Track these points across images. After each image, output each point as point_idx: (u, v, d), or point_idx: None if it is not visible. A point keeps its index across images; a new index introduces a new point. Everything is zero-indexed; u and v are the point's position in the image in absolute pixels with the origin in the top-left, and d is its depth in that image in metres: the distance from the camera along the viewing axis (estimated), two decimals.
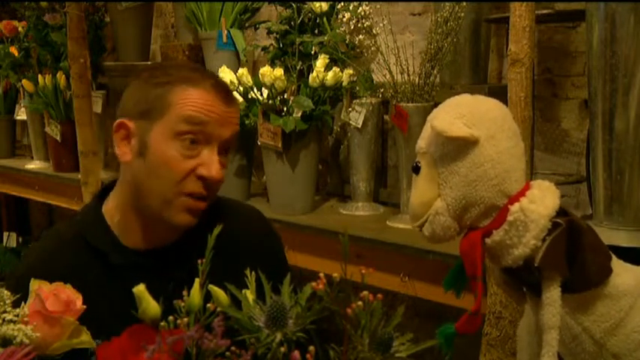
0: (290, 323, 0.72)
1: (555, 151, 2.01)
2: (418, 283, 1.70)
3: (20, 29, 3.03)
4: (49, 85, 2.76)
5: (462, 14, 1.74)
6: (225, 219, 0.95)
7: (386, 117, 2.10)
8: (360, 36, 1.95)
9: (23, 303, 0.81)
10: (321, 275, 0.72)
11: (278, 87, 1.94)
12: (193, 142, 1.06)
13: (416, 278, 1.70)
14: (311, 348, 0.69)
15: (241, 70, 2.01)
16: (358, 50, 2.02)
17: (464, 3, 1.74)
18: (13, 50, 2.99)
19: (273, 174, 2.04)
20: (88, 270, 1.08)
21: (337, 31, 2.01)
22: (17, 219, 4.10)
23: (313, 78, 1.95)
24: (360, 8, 1.95)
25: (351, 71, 1.98)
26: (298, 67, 2.06)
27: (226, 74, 2.02)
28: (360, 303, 0.71)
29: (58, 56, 2.82)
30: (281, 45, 2.15)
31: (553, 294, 0.86)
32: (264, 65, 2.00)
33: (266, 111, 1.98)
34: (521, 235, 0.86)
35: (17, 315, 0.78)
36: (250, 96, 2.03)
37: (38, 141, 3.00)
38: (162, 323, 0.76)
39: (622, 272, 0.91)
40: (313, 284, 0.72)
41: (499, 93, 1.39)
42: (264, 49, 2.24)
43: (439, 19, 1.74)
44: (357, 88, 1.98)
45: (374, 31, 1.95)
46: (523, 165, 0.91)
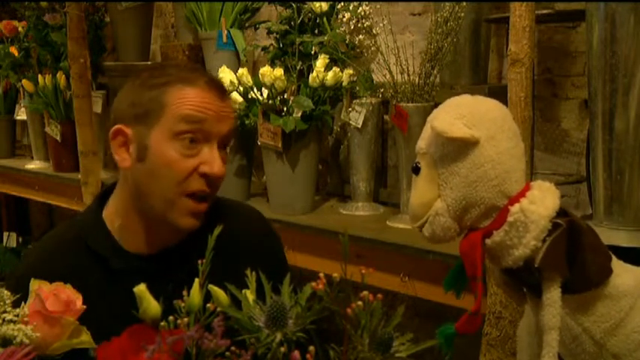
0: (290, 323, 0.72)
1: (555, 151, 2.01)
2: (418, 283, 1.70)
3: (20, 29, 3.03)
4: (49, 85, 2.75)
5: (462, 14, 1.74)
6: (224, 220, 0.95)
7: (386, 117, 2.10)
8: (360, 36, 1.95)
9: (23, 303, 0.81)
10: (321, 275, 0.72)
11: (278, 87, 1.94)
12: (193, 141, 1.06)
13: (416, 278, 1.70)
14: (311, 348, 0.69)
15: (241, 70, 2.01)
16: (358, 50, 2.02)
17: (464, 3, 1.74)
18: (13, 50, 2.99)
19: (273, 174, 2.04)
20: (88, 273, 1.08)
21: (337, 31, 2.00)
22: (17, 219, 4.10)
23: (313, 78, 1.95)
24: (360, 8, 1.95)
25: (351, 71, 1.98)
26: (298, 67, 2.06)
27: (226, 74, 2.02)
28: (360, 303, 0.71)
29: (58, 56, 2.82)
30: (281, 45, 2.15)
31: (553, 295, 0.86)
32: (264, 65, 2.00)
33: (266, 111, 1.98)
34: (521, 236, 0.86)
35: (17, 315, 0.78)
36: (250, 96, 2.03)
37: (38, 141, 3.00)
38: (162, 323, 0.76)
39: (622, 273, 0.91)
40: (313, 284, 0.72)
41: (499, 93, 1.39)
42: (264, 49, 2.24)
43: (439, 19, 1.74)
44: (357, 88, 1.98)
45: (374, 31, 1.95)
46: (523, 166, 0.91)
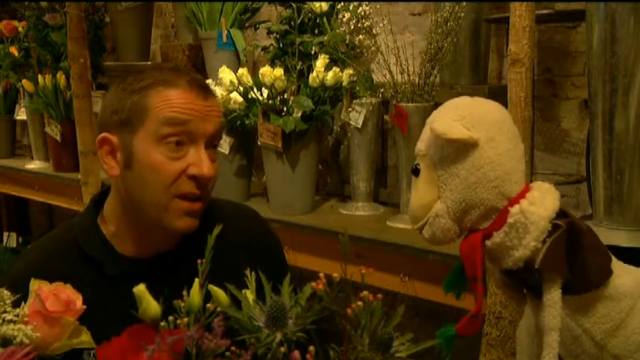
0: (290, 323, 0.72)
1: (555, 151, 2.01)
2: (418, 283, 1.70)
3: (20, 29, 3.03)
4: (49, 85, 2.75)
5: (462, 14, 1.74)
6: (223, 221, 0.95)
7: (386, 117, 2.10)
8: (360, 36, 1.95)
9: (23, 303, 0.81)
10: (321, 275, 0.72)
11: (278, 87, 1.94)
12: (179, 144, 1.04)
13: (416, 278, 1.70)
14: (311, 348, 0.69)
15: (241, 70, 2.01)
16: (358, 50, 2.02)
17: (464, 3, 1.74)
18: (13, 50, 2.99)
19: (273, 174, 2.04)
20: (84, 276, 1.06)
21: (337, 31, 2.00)
22: (17, 219, 4.10)
23: (313, 78, 1.95)
24: (360, 8, 1.95)
25: (351, 71, 1.98)
26: (298, 67, 2.06)
27: (226, 74, 2.02)
28: (360, 303, 0.71)
29: (58, 56, 2.82)
30: (281, 45, 2.15)
31: (553, 296, 0.86)
32: (264, 65, 2.00)
33: (266, 111, 1.98)
34: (521, 237, 0.86)
35: (17, 315, 0.78)
36: (250, 96, 2.03)
37: (38, 141, 3.00)
38: (162, 323, 0.76)
39: (622, 274, 0.91)
40: (313, 284, 0.72)
41: (499, 93, 1.39)
42: (264, 49, 2.24)
43: (439, 19, 1.74)
44: (357, 88, 1.98)
45: (374, 31, 1.95)
46: (523, 167, 0.91)
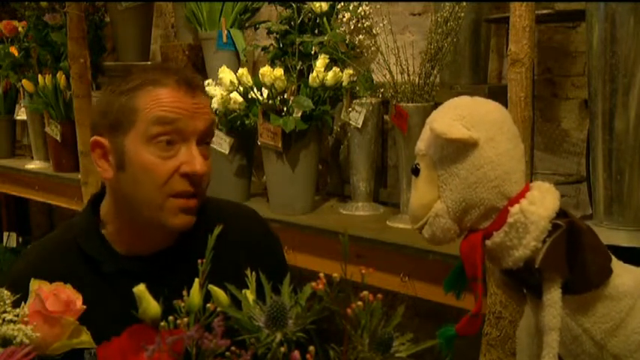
0: (290, 323, 0.72)
1: (555, 151, 2.01)
2: (418, 283, 1.70)
3: (20, 29, 3.03)
4: (49, 85, 2.75)
5: (462, 14, 1.74)
6: (222, 220, 0.95)
7: (386, 117, 2.10)
8: (360, 36, 1.95)
9: (23, 303, 0.81)
10: (321, 275, 0.72)
11: (278, 87, 1.94)
12: (169, 143, 1.04)
13: (416, 278, 1.70)
14: (311, 348, 0.69)
15: (241, 70, 2.01)
16: (358, 50, 2.02)
17: (464, 3, 1.74)
18: (13, 50, 2.99)
19: (273, 174, 2.04)
20: (83, 276, 1.06)
21: (337, 31, 2.00)
22: (17, 219, 4.10)
23: (313, 78, 1.95)
24: (360, 8, 1.95)
25: (351, 71, 1.98)
26: (298, 67, 2.06)
27: (226, 74, 2.02)
28: (360, 303, 0.71)
29: (58, 56, 2.82)
30: (281, 45, 2.15)
31: (554, 295, 0.86)
32: (264, 65, 2.00)
33: (266, 111, 1.98)
34: (521, 237, 0.86)
35: (17, 315, 0.78)
36: (250, 96, 2.03)
37: (38, 141, 3.00)
38: (162, 323, 0.76)
39: (622, 273, 0.91)
40: (313, 284, 0.72)
41: (499, 93, 1.39)
42: (264, 49, 2.24)
43: (439, 19, 1.74)
44: (357, 88, 1.98)
45: (374, 31, 1.95)
46: (523, 167, 0.91)
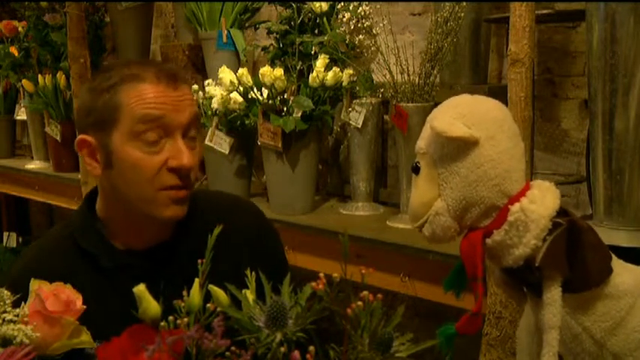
0: (290, 323, 0.72)
1: (555, 151, 2.01)
2: (418, 283, 1.70)
3: (20, 29, 3.03)
4: (49, 85, 2.75)
5: (462, 14, 1.74)
6: (218, 214, 0.95)
7: (386, 117, 2.10)
8: (360, 36, 1.95)
9: (23, 303, 0.81)
10: (321, 275, 0.72)
11: (278, 87, 1.94)
12: (155, 139, 1.04)
13: (416, 278, 1.70)
14: (311, 348, 0.69)
15: (241, 70, 2.01)
16: (358, 50, 2.02)
17: (464, 3, 1.74)
18: (13, 50, 2.99)
19: (273, 174, 2.04)
20: (81, 272, 1.07)
21: (337, 31, 2.00)
22: (17, 219, 4.10)
23: (313, 78, 1.95)
24: (360, 8, 1.95)
25: (351, 71, 1.98)
26: (298, 67, 2.06)
27: (226, 74, 2.02)
28: (360, 303, 0.71)
29: (58, 56, 2.82)
30: (281, 45, 2.15)
31: (554, 294, 0.86)
32: (264, 65, 2.00)
33: (266, 111, 1.98)
34: (521, 235, 0.86)
35: (17, 315, 0.78)
36: (250, 96, 2.03)
37: (38, 141, 3.00)
38: (162, 323, 0.76)
39: (622, 272, 0.91)
40: (313, 284, 0.72)
41: (499, 93, 1.39)
42: (264, 49, 2.24)
43: (439, 19, 1.74)
44: (357, 88, 1.98)
45: (374, 31, 1.95)
46: (523, 165, 0.91)
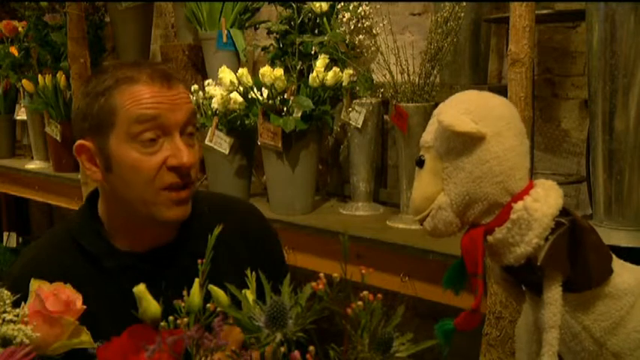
0: (290, 323, 0.72)
1: (555, 151, 2.01)
2: (418, 283, 1.70)
3: (20, 29, 3.03)
4: (49, 85, 2.75)
5: (462, 14, 1.74)
6: (219, 216, 0.95)
7: (386, 117, 2.10)
8: (360, 36, 1.95)
9: (23, 303, 0.81)
10: (321, 275, 0.72)
11: (278, 87, 1.94)
12: (153, 139, 1.04)
13: (416, 278, 1.70)
14: (311, 348, 0.69)
15: (241, 70, 2.01)
16: (358, 50, 2.02)
17: (464, 3, 1.74)
18: (13, 50, 2.99)
19: (273, 174, 2.04)
20: (82, 273, 1.07)
21: (337, 31, 2.00)
22: (17, 219, 4.10)
23: (313, 78, 1.95)
24: (360, 8, 1.95)
25: (351, 71, 1.98)
26: (298, 67, 2.06)
27: (226, 74, 2.02)
28: (360, 303, 0.71)
29: (58, 56, 2.82)
30: (281, 45, 2.15)
31: (554, 293, 0.86)
32: (264, 65, 2.00)
33: (266, 111, 1.98)
34: (523, 234, 0.86)
35: (17, 315, 0.78)
36: (250, 96, 2.03)
37: (38, 141, 3.00)
38: (162, 323, 0.76)
39: (622, 272, 0.91)
40: (313, 284, 0.72)
41: (499, 93, 1.38)
42: (264, 49, 2.24)
43: (439, 19, 1.74)
44: (357, 88, 1.98)
45: (374, 31, 1.95)
46: (528, 164, 0.91)
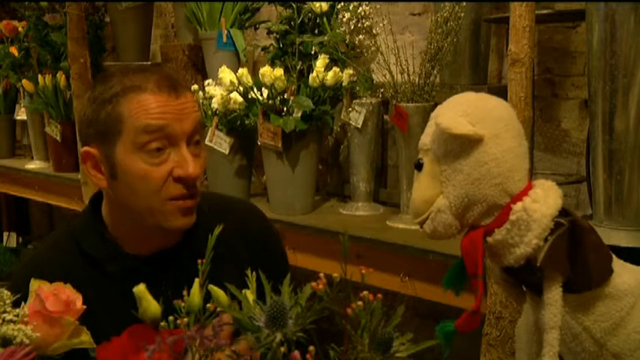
0: (290, 323, 0.72)
1: (555, 151, 2.01)
2: (418, 283, 1.70)
3: (20, 29, 3.03)
4: (49, 85, 2.75)
5: (462, 14, 1.74)
6: (223, 217, 0.95)
7: (386, 117, 2.10)
8: (360, 36, 1.95)
9: (23, 303, 0.81)
10: (321, 275, 0.72)
11: (278, 87, 1.94)
12: (159, 149, 1.03)
13: (416, 278, 1.70)
14: (311, 348, 0.69)
15: (241, 70, 2.01)
16: (358, 50, 2.02)
17: (464, 3, 1.74)
18: (13, 50, 2.99)
19: (273, 174, 2.04)
20: (85, 276, 1.06)
21: (337, 31, 2.00)
22: (17, 219, 4.10)
23: (313, 78, 1.95)
24: (360, 8, 1.95)
25: (351, 71, 1.98)
26: (298, 67, 2.06)
27: (226, 74, 2.02)
28: (360, 303, 0.71)
29: (58, 56, 2.82)
30: (281, 45, 2.15)
31: (554, 294, 0.86)
32: (264, 65, 2.00)
33: (266, 111, 1.97)
34: (523, 235, 0.86)
35: (17, 315, 0.78)
36: (250, 96, 2.03)
37: (38, 141, 3.00)
38: (162, 323, 0.76)
39: (623, 272, 0.91)
40: (313, 284, 0.72)
41: (499, 93, 1.38)
42: (264, 49, 2.24)
43: (439, 19, 1.74)
44: (357, 88, 1.98)
45: (374, 31, 1.95)
46: (526, 165, 0.91)
